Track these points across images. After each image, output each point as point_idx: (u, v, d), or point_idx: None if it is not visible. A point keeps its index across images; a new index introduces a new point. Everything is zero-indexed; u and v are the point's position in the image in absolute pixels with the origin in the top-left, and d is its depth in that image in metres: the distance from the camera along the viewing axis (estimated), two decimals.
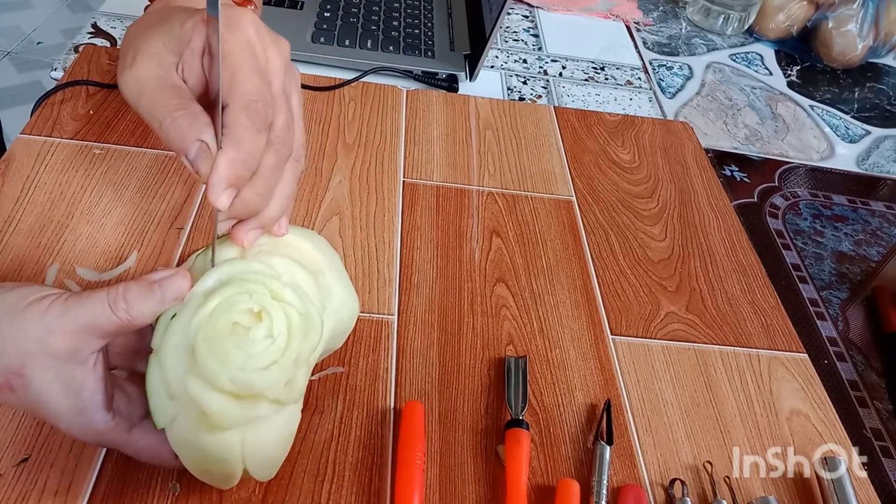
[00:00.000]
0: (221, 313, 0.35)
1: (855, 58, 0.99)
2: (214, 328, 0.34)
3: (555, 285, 0.56)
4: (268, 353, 0.35)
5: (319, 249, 0.41)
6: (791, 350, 0.55)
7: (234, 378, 0.34)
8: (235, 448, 0.34)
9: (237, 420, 0.34)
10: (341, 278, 0.42)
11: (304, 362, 0.36)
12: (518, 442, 0.43)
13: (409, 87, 0.73)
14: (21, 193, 0.53)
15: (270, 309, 0.35)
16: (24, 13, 2.31)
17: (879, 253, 0.70)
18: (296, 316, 0.36)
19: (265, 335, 0.35)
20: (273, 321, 0.35)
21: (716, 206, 0.67)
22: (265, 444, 0.36)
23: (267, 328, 0.35)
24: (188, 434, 0.34)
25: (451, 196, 0.62)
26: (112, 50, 0.70)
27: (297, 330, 0.35)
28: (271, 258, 0.38)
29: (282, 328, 0.35)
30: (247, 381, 0.34)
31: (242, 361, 0.34)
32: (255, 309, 0.35)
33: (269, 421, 0.35)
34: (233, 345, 0.34)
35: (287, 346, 0.35)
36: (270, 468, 0.37)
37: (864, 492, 0.47)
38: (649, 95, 0.84)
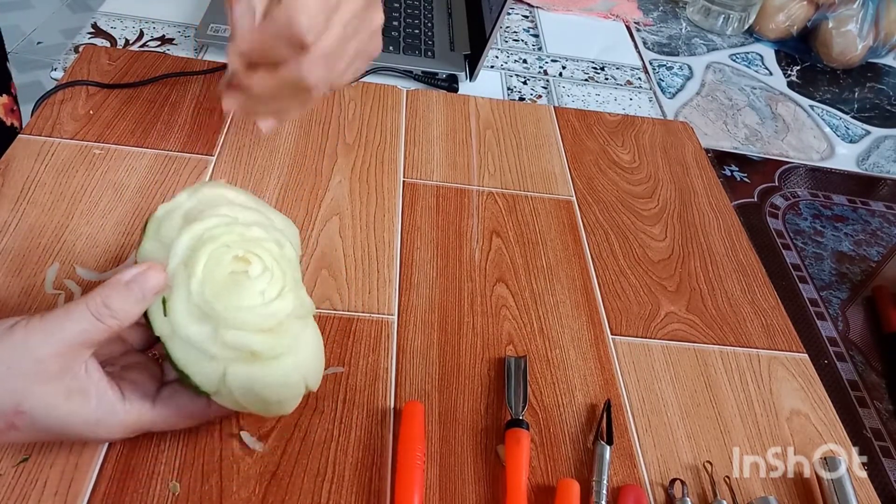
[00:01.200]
0: (213, 271, 0.37)
1: (855, 58, 0.99)
2: (217, 285, 0.36)
3: (555, 285, 0.56)
4: (273, 284, 0.38)
5: (239, 192, 0.43)
6: (791, 350, 0.55)
7: (261, 314, 0.36)
8: (294, 369, 0.38)
9: (283, 347, 0.37)
10: (270, 208, 0.43)
11: (300, 280, 0.40)
12: (518, 442, 0.43)
13: (409, 87, 0.73)
14: (21, 193, 0.53)
15: (252, 248, 0.38)
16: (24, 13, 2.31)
17: (879, 253, 0.70)
18: (274, 246, 0.39)
19: (262, 271, 0.37)
20: (261, 258, 0.38)
21: (716, 206, 0.67)
22: (311, 356, 0.39)
23: (260, 265, 0.38)
24: (246, 380, 0.36)
25: (451, 196, 0.62)
26: (112, 50, 0.70)
27: (280, 257, 0.38)
28: (218, 210, 0.39)
29: (270, 260, 0.38)
30: (272, 312, 0.37)
31: (259, 300, 0.37)
32: (240, 254, 0.37)
33: (305, 336, 0.39)
34: (242, 291, 0.37)
35: (284, 272, 0.38)
36: (320, 376, 0.41)
37: (864, 492, 0.47)
38: (649, 95, 0.84)
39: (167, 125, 0.62)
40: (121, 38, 0.73)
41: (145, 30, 0.75)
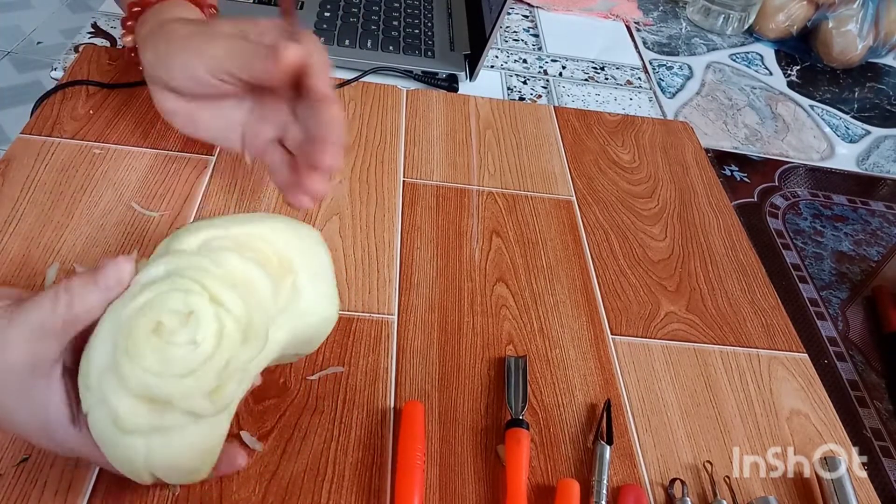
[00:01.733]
0: (148, 310, 0.33)
1: (855, 58, 0.99)
2: (137, 326, 0.33)
3: (555, 285, 0.56)
4: (186, 360, 0.32)
5: (296, 246, 0.39)
6: (791, 350, 0.55)
7: (146, 382, 0.32)
8: (139, 454, 0.33)
9: (144, 426, 0.32)
10: (319, 279, 0.40)
11: (238, 371, 0.34)
12: (518, 442, 0.43)
13: (409, 87, 0.73)
14: (21, 193, 0.53)
15: (200, 312, 0.33)
16: (24, 13, 2.31)
17: (879, 253, 0.70)
18: (230, 322, 0.33)
19: (188, 340, 0.32)
20: (200, 326, 0.33)
21: (716, 206, 0.67)
22: (175, 454, 0.33)
23: (191, 333, 0.33)
24: (100, 428, 0.33)
25: (451, 196, 0.62)
26: (112, 50, 0.70)
27: (228, 337, 0.33)
28: (226, 254, 0.36)
29: (208, 334, 0.33)
30: (158, 387, 0.32)
31: (158, 366, 0.32)
32: (185, 310, 0.33)
33: (183, 431, 0.33)
34: (150, 347, 0.32)
35: (213, 354, 0.33)
36: (183, 477, 0.35)
37: (864, 492, 0.47)
38: (649, 95, 0.84)
39: (167, 125, 0.61)
40: (120, 38, 0.73)
41: None
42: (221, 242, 0.37)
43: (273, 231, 0.39)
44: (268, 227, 0.39)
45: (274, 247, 0.39)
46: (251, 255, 0.37)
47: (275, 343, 0.36)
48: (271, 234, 0.39)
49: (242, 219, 0.40)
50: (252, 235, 0.38)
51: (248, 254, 0.37)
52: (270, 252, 0.38)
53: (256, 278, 0.36)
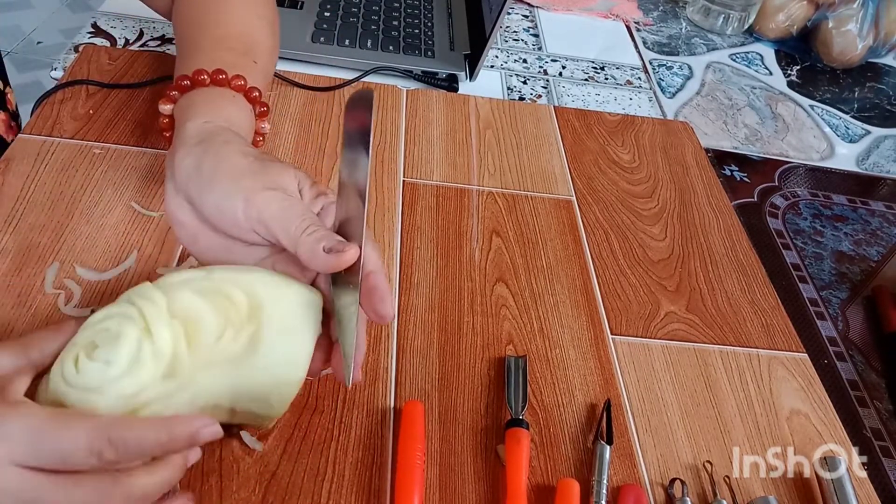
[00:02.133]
0: (93, 326, 0.35)
1: (855, 58, 0.99)
2: (78, 338, 0.35)
3: (555, 285, 0.56)
4: (95, 376, 0.34)
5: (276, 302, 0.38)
6: (791, 350, 0.55)
7: (57, 388, 0.34)
8: None
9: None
10: (289, 339, 0.38)
11: (152, 403, 0.34)
12: (518, 442, 0.43)
13: (409, 87, 0.73)
14: (21, 193, 0.53)
15: (124, 336, 0.34)
16: (24, 13, 2.31)
17: (879, 253, 0.70)
18: (148, 351, 0.34)
19: (104, 359, 0.34)
20: (117, 348, 0.34)
21: (716, 206, 0.67)
22: None
23: (109, 354, 0.34)
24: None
25: (451, 196, 0.62)
26: (112, 50, 0.70)
27: (142, 365, 0.34)
28: (183, 291, 0.36)
29: (122, 357, 0.34)
30: (65, 394, 0.33)
31: (71, 375, 0.34)
32: (115, 333, 0.34)
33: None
34: (75, 358, 0.34)
35: (121, 377, 0.34)
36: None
37: (864, 492, 0.47)
38: (649, 95, 0.84)
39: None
40: (121, 38, 0.73)
41: (145, 30, 0.75)
42: (196, 284, 0.38)
43: (256, 282, 0.38)
44: (255, 277, 0.39)
45: (250, 297, 0.38)
46: (214, 299, 0.37)
47: (208, 389, 0.36)
48: (253, 284, 0.38)
49: (236, 268, 0.39)
50: (231, 281, 0.38)
51: (214, 297, 0.37)
52: (242, 300, 0.37)
53: (204, 318, 0.36)
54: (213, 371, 0.36)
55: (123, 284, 0.49)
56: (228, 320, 0.37)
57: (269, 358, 0.37)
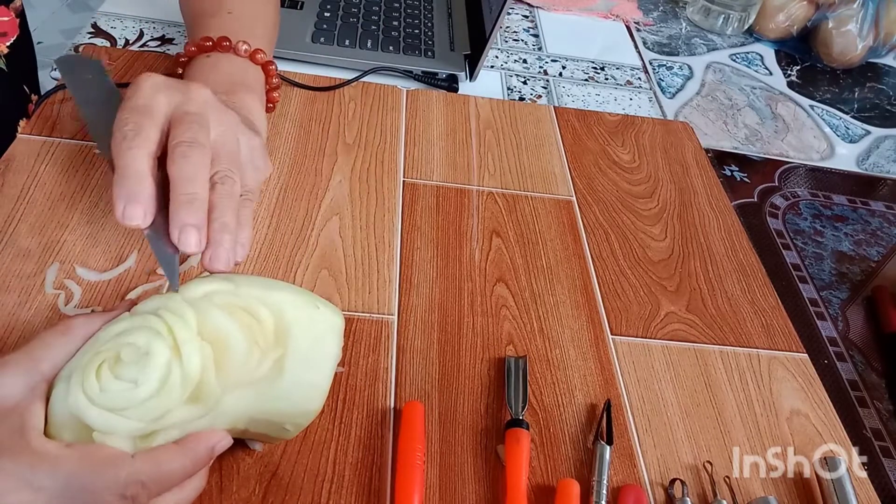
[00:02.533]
0: (117, 338, 0.34)
1: (855, 58, 0.99)
2: (100, 349, 0.34)
3: (555, 285, 0.56)
4: (121, 396, 0.32)
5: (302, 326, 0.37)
6: (791, 350, 0.55)
7: (78, 403, 0.32)
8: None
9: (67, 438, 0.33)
10: (311, 368, 0.37)
11: (174, 427, 0.34)
12: (518, 442, 0.43)
13: (409, 87, 0.73)
14: (21, 193, 0.53)
15: (154, 355, 0.33)
16: None
17: (879, 253, 0.70)
18: (178, 374, 0.33)
19: (131, 378, 0.33)
20: (146, 368, 0.33)
21: (716, 206, 0.67)
22: None
23: (136, 373, 0.33)
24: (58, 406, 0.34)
25: (451, 196, 0.62)
26: (112, 50, 0.70)
27: (171, 389, 0.33)
28: (213, 310, 0.35)
29: (152, 379, 0.33)
30: (85, 411, 0.32)
31: (94, 392, 0.32)
32: (143, 349, 0.33)
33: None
34: (98, 372, 0.33)
35: (148, 399, 0.33)
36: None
37: (864, 492, 0.47)
38: (649, 95, 0.84)
39: None
40: (121, 38, 0.73)
41: (145, 30, 0.75)
42: (223, 298, 0.37)
43: (283, 303, 0.37)
44: (282, 297, 0.38)
45: (277, 319, 0.37)
46: (242, 319, 0.36)
47: (228, 412, 0.35)
48: (280, 304, 0.37)
49: (262, 282, 0.39)
50: (259, 300, 0.37)
51: (242, 316, 0.36)
52: (270, 322, 0.37)
53: (233, 341, 0.35)
54: (235, 395, 0.35)
55: (123, 284, 0.49)
56: (255, 343, 0.36)
57: (291, 386, 0.36)
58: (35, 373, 0.34)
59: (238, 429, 0.37)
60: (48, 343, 0.35)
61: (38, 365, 0.34)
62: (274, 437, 0.39)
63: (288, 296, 0.38)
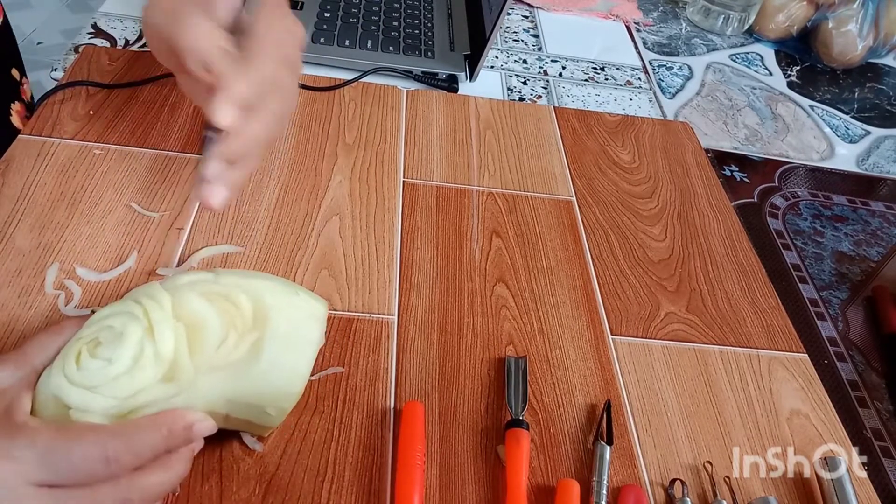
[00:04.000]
0: (98, 322, 0.35)
1: (855, 58, 0.99)
2: (82, 333, 0.35)
3: (555, 285, 0.56)
4: (95, 374, 0.33)
5: (280, 310, 0.38)
6: (791, 350, 0.55)
7: (58, 383, 0.34)
8: None
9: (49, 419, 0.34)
10: (290, 349, 0.38)
11: (150, 406, 0.34)
12: (518, 442, 0.43)
13: (409, 87, 0.73)
14: (21, 193, 0.53)
15: (127, 335, 0.34)
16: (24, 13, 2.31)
17: (879, 253, 0.70)
18: (150, 353, 0.34)
19: (105, 357, 0.34)
20: (119, 347, 0.34)
21: (716, 206, 0.67)
22: None
23: (110, 352, 0.34)
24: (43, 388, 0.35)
25: (451, 196, 0.62)
26: (112, 50, 0.70)
27: (143, 367, 0.34)
28: (188, 294, 0.36)
29: (124, 356, 0.34)
30: (64, 390, 0.33)
31: (72, 372, 0.34)
32: (119, 331, 0.34)
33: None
34: (77, 354, 0.34)
35: (120, 376, 0.34)
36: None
37: (864, 492, 0.47)
38: (649, 96, 0.84)
39: (167, 125, 0.62)
40: (121, 38, 0.73)
41: None
42: (204, 287, 0.38)
43: (264, 289, 0.38)
44: (262, 284, 0.39)
45: (256, 304, 0.38)
46: (220, 304, 0.37)
47: (205, 393, 0.35)
48: (259, 291, 0.38)
49: (243, 273, 0.40)
50: (239, 287, 0.38)
51: (220, 302, 0.37)
52: (248, 307, 0.37)
53: (208, 323, 0.36)
54: (212, 377, 0.36)
55: (123, 284, 0.49)
56: (233, 326, 0.37)
57: (269, 367, 0.37)
58: (26, 365, 0.35)
59: (219, 413, 0.37)
60: (40, 341, 0.37)
61: (28, 359, 0.36)
62: (259, 425, 0.39)
63: (268, 283, 0.39)
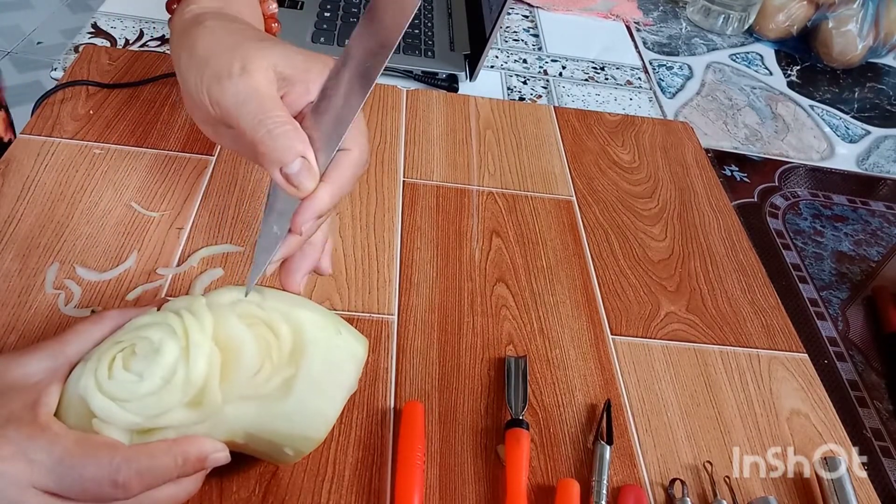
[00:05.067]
0: (137, 330, 0.35)
1: (855, 58, 0.99)
2: (120, 339, 0.35)
3: (555, 285, 0.56)
4: (125, 387, 0.33)
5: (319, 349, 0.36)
6: (791, 350, 0.55)
7: (87, 385, 0.33)
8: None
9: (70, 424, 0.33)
10: (320, 393, 0.36)
11: (171, 429, 0.34)
12: (518, 442, 0.43)
13: (409, 87, 0.73)
14: (21, 193, 0.53)
15: (163, 353, 0.33)
16: (24, 13, 2.31)
17: (879, 253, 0.70)
18: (181, 375, 0.33)
19: (138, 371, 0.33)
20: (153, 364, 0.33)
21: (716, 206, 0.67)
22: None
23: (144, 366, 0.33)
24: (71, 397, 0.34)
25: (451, 196, 0.62)
26: (112, 50, 0.70)
27: (172, 389, 0.33)
28: (231, 317, 0.35)
29: (155, 375, 0.33)
30: (91, 395, 0.33)
31: (103, 380, 0.33)
32: (156, 344, 0.34)
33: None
34: (111, 361, 0.34)
35: (148, 395, 0.33)
36: None
37: (864, 492, 0.47)
38: (649, 95, 0.84)
39: (167, 125, 0.62)
40: (121, 38, 0.73)
41: (145, 30, 0.75)
42: (247, 308, 0.36)
43: (306, 321, 0.37)
44: (306, 315, 0.37)
45: (296, 336, 0.36)
46: (260, 332, 0.36)
47: (228, 423, 0.35)
48: (302, 323, 0.36)
49: (290, 298, 0.38)
50: (282, 315, 0.36)
51: (260, 328, 0.36)
52: (288, 339, 0.36)
53: (244, 351, 0.35)
54: (237, 408, 0.35)
55: (123, 284, 0.49)
56: (268, 357, 0.35)
57: (296, 409, 0.35)
58: (60, 356, 0.35)
59: (237, 443, 0.36)
60: (79, 330, 0.36)
61: (64, 349, 0.35)
62: (273, 459, 0.39)
63: (312, 315, 0.37)
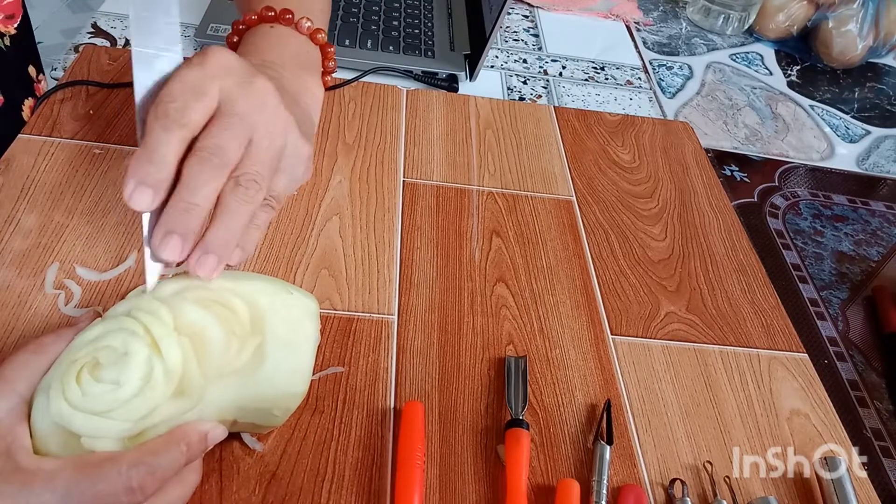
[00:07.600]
0: (92, 343, 0.34)
1: (855, 58, 0.99)
2: (76, 356, 0.33)
3: (555, 285, 0.56)
4: (104, 398, 0.32)
5: (277, 312, 0.38)
6: (791, 350, 0.55)
7: (61, 412, 0.32)
8: None
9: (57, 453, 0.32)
10: (291, 351, 0.38)
11: (163, 424, 0.33)
12: (518, 442, 0.43)
13: (409, 87, 0.73)
14: (21, 193, 0.53)
15: (133, 354, 0.33)
16: None
17: (879, 253, 0.70)
18: (160, 370, 0.33)
19: (112, 380, 0.33)
20: (127, 368, 0.33)
21: (716, 206, 0.67)
22: None
23: (117, 373, 0.33)
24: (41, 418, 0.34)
25: (451, 196, 0.62)
26: (112, 50, 0.70)
27: (155, 385, 0.33)
28: (185, 304, 0.35)
29: (133, 377, 0.33)
30: (69, 418, 0.32)
31: (77, 399, 0.32)
32: (121, 350, 0.33)
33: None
34: (77, 379, 0.33)
35: (132, 398, 0.32)
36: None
37: (864, 492, 0.47)
38: (649, 95, 0.84)
39: None
40: (121, 38, 0.73)
41: None
42: (195, 293, 0.36)
43: (256, 291, 0.38)
44: (253, 286, 0.38)
45: (251, 307, 0.37)
46: (217, 311, 0.36)
47: (215, 403, 0.35)
48: (252, 293, 0.37)
49: (231, 274, 0.39)
50: (231, 291, 0.37)
51: (216, 308, 0.36)
52: (244, 311, 0.37)
53: (210, 332, 0.35)
54: (220, 386, 0.35)
55: (123, 284, 0.49)
56: (232, 333, 0.36)
57: (274, 371, 0.37)
58: (12, 394, 0.34)
59: (228, 420, 0.37)
60: (21, 362, 0.35)
61: (13, 386, 0.34)
62: (263, 426, 0.40)
63: (259, 284, 0.39)
